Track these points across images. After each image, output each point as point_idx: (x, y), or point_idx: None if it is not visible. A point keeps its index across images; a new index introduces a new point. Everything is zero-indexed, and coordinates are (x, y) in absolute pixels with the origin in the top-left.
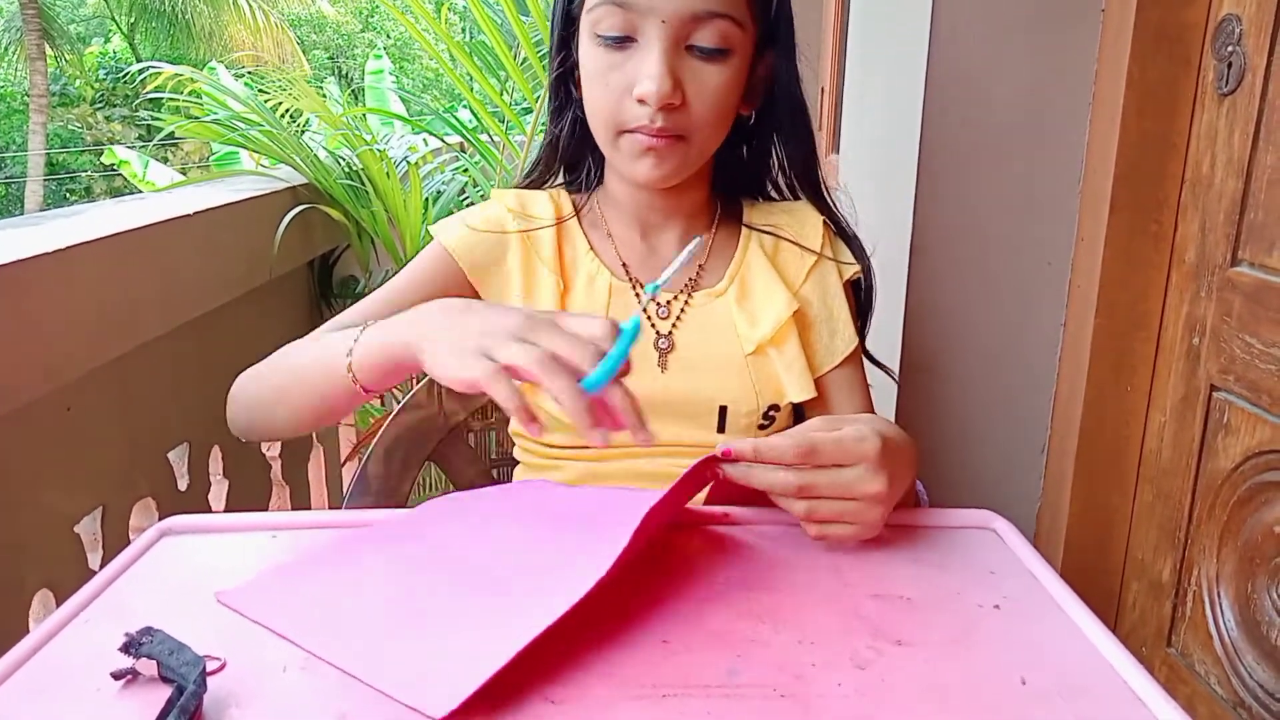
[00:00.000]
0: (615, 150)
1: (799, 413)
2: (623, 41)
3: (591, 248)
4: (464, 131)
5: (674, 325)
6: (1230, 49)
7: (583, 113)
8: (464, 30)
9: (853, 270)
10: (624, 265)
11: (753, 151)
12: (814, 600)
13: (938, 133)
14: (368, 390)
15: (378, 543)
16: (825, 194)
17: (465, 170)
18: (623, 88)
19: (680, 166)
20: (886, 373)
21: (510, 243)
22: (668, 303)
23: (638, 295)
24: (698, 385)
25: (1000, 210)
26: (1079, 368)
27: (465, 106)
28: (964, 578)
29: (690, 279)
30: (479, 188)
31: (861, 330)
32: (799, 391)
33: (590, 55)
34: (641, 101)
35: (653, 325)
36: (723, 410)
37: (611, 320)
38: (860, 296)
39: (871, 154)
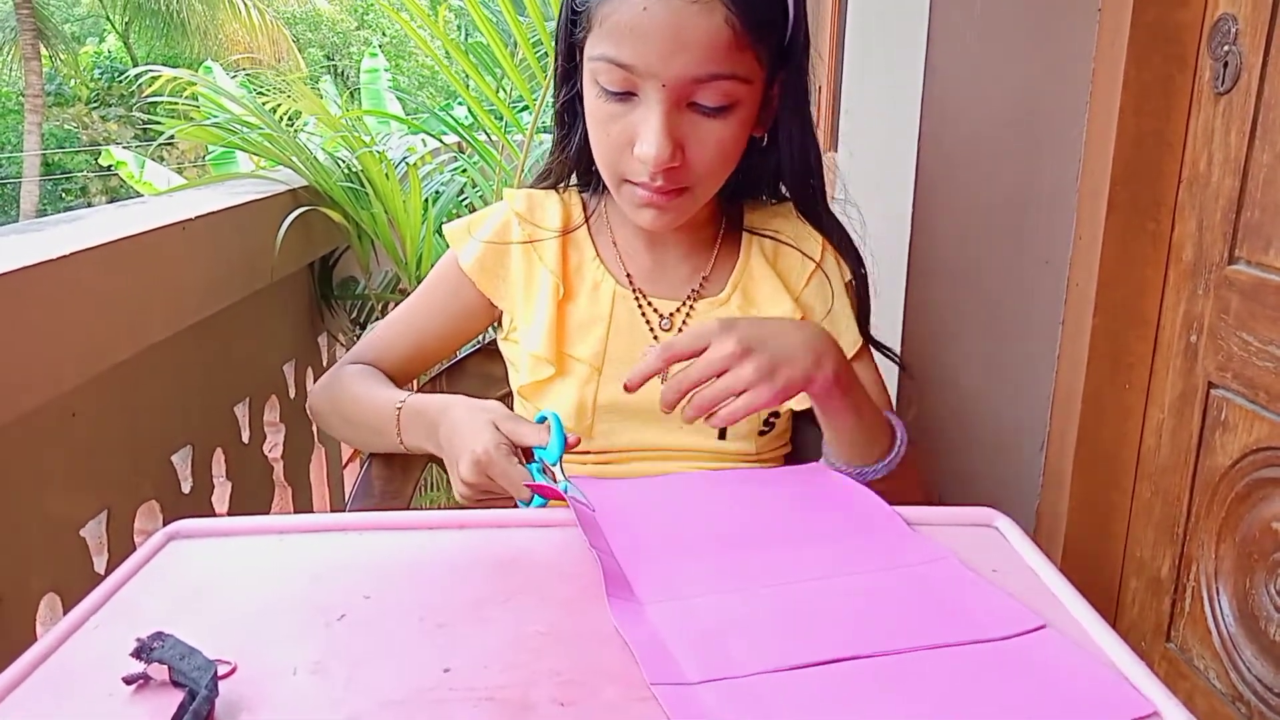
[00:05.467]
0: (618, 194)
1: (797, 418)
2: (624, 95)
3: (598, 254)
4: (461, 131)
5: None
6: (1226, 48)
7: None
8: (460, 29)
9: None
10: (629, 276)
11: (757, 160)
12: None
13: (936, 132)
14: None
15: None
16: (826, 211)
17: (464, 171)
18: (624, 140)
19: (683, 214)
20: (890, 358)
21: (513, 250)
22: (670, 314)
23: (640, 305)
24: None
25: (998, 209)
26: (1077, 365)
27: (461, 103)
28: None
29: (693, 289)
30: (478, 189)
31: (864, 328)
32: (797, 400)
33: (592, 100)
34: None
35: (655, 338)
36: None
37: (544, 423)
38: (859, 298)
39: (870, 152)
